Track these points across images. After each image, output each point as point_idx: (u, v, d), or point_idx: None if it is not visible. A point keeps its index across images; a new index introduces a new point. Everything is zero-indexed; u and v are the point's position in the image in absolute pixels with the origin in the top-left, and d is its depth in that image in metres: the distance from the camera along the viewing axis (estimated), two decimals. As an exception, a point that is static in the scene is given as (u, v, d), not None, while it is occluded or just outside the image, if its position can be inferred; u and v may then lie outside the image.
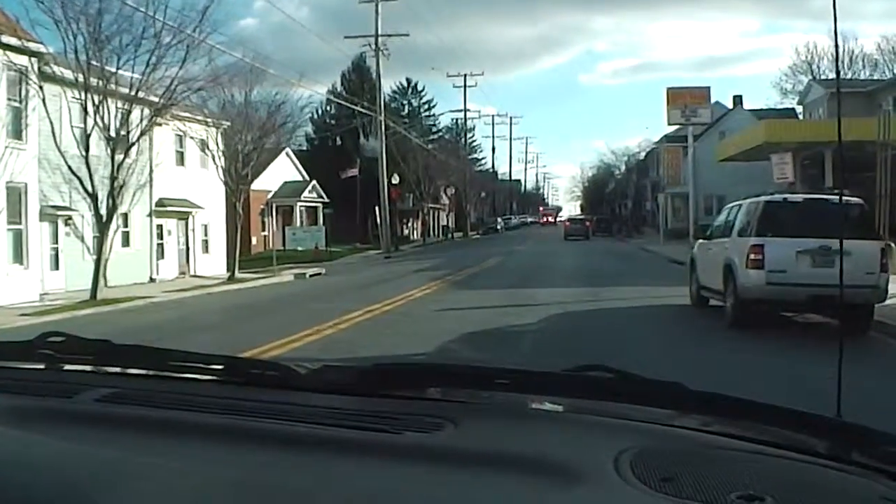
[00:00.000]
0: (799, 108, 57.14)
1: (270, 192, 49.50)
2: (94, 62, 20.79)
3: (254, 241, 46.97)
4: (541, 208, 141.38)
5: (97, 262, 22.24)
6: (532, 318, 13.92)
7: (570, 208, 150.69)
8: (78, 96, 21.43)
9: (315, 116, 67.99)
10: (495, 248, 46.55)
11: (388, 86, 79.88)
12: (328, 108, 67.75)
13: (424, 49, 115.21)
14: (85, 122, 21.45)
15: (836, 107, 37.82)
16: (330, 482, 1.27)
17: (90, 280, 22.53)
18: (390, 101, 76.20)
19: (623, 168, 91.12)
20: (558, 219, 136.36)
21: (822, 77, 54.85)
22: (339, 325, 13.10)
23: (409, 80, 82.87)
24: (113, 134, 21.86)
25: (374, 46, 49.96)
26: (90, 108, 21.18)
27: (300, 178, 52.93)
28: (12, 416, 1.52)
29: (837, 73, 52.89)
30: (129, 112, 22.17)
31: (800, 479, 1.25)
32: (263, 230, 49.52)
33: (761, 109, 59.48)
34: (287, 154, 52.76)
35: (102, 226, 22.38)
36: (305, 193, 51.30)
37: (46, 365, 1.94)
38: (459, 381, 1.80)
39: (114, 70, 21.41)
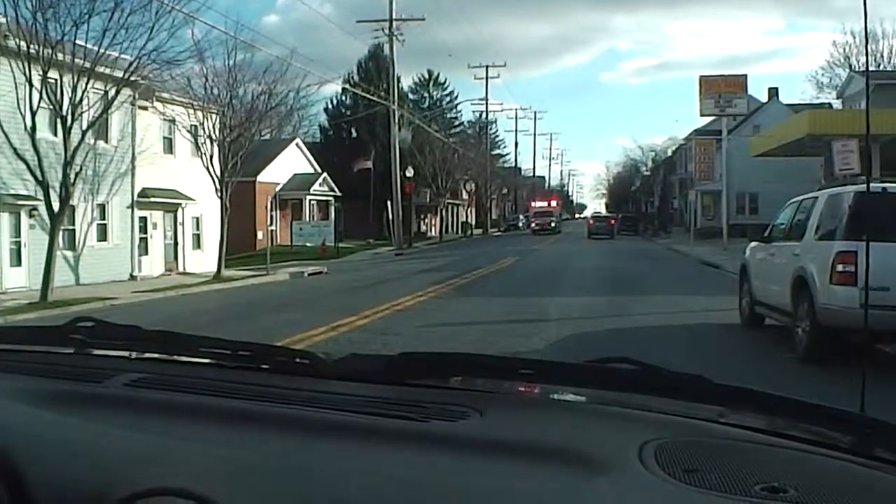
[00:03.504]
0: (836, 103, 53.86)
1: (279, 184, 46.91)
2: (40, 26, 17.91)
3: (259, 235, 44.29)
4: (532, 203, 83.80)
5: (48, 260, 19.52)
6: (539, 342, 10.94)
7: (595, 206, 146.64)
8: (22, 68, 18.52)
9: (329, 107, 65.75)
10: (513, 247, 44.02)
11: (408, 78, 77.62)
12: (343, 97, 65.19)
13: (446, 46, 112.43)
14: (30, 98, 18.59)
15: (879, 99, 35.27)
16: (356, 468, 1.27)
17: (58, 277, 19.99)
18: (410, 92, 73.75)
19: (649, 165, 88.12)
20: (580, 216, 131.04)
21: (861, 70, 51.63)
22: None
23: (430, 72, 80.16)
24: (65, 112, 18.92)
25: (387, 32, 47.35)
26: (36, 81, 18.27)
27: (311, 171, 50.26)
28: (44, 399, 1.56)
29: (867, 66, 49.86)
30: (86, 87, 19.20)
31: (822, 472, 1.26)
32: (271, 224, 46.81)
33: (797, 104, 56.20)
34: (297, 145, 50.60)
35: (54, 218, 19.54)
36: (316, 186, 48.83)
37: (76, 350, 1.97)
38: (485, 371, 1.83)
39: (61, 37, 18.47)
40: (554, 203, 79.97)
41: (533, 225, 73.06)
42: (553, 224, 72.11)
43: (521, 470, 1.26)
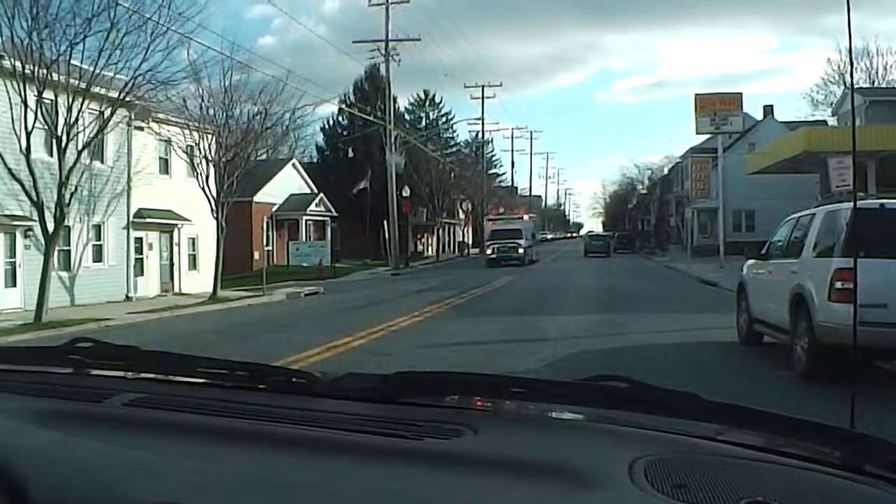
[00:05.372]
0: (832, 120, 54.01)
1: (275, 204, 46.81)
2: (35, 46, 17.87)
3: (256, 255, 44.18)
4: (491, 215, 63.71)
5: (42, 280, 19.39)
6: (534, 362, 10.85)
7: (592, 224, 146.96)
8: (17, 88, 18.47)
9: (326, 127, 65.80)
10: (510, 267, 43.64)
11: (405, 98, 77.57)
12: (339, 118, 65.25)
13: (442, 66, 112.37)
14: (24, 118, 18.54)
15: (873, 115, 35.35)
16: (351, 486, 1.28)
17: (53, 298, 19.90)
18: (407, 112, 73.74)
19: (646, 183, 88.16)
20: (577, 234, 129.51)
21: (857, 87, 51.78)
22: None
23: (426, 92, 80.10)
24: (60, 133, 18.86)
25: (383, 52, 47.47)
26: (31, 102, 18.24)
27: (308, 191, 50.17)
28: (44, 419, 1.57)
29: (852, 83, 49.83)
30: (81, 107, 19.16)
31: (809, 487, 1.27)
32: (267, 245, 46.73)
33: (792, 121, 56.34)
34: (294, 165, 50.57)
35: (49, 238, 19.45)
36: (312, 206, 48.67)
37: (75, 370, 1.99)
38: (479, 390, 1.83)
39: (56, 57, 18.42)
40: (524, 217, 54.96)
41: (488, 252, 48.63)
42: (519, 250, 47.10)
43: (513, 486, 1.27)
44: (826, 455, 1.41)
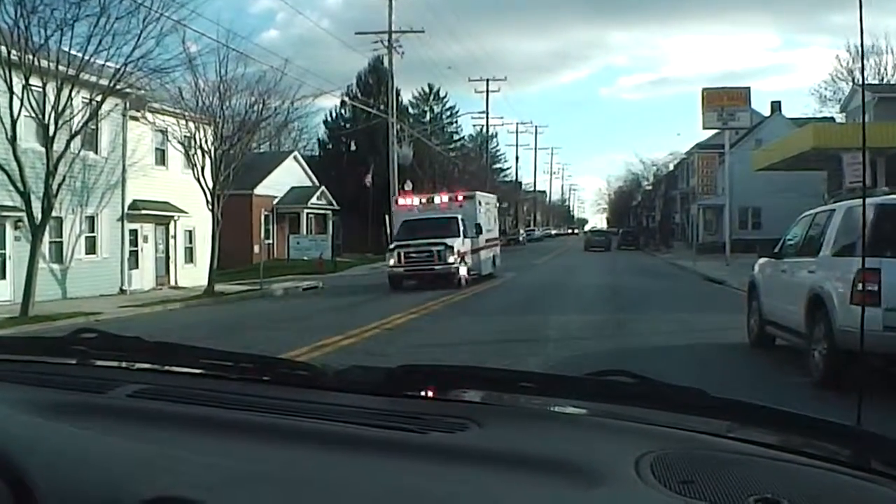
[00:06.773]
0: (840, 117, 53.30)
1: (276, 197, 46.34)
2: (21, 31, 17.31)
3: (256, 249, 43.65)
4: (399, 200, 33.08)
5: (29, 273, 18.91)
6: (535, 364, 10.25)
7: (597, 221, 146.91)
8: (3, 74, 17.90)
9: (328, 120, 65.30)
10: (512, 262, 43.20)
11: (409, 93, 77.03)
12: (342, 111, 64.71)
13: (447, 61, 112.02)
14: (11, 105, 17.99)
15: (883, 112, 34.75)
16: (355, 479, 1.28)
17: (45, 291, 19.46)
18: (411, 106, 73.19)
19: (651, 179, 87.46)
20: (583, 230, 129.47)
21: (865, 83, 51.05)
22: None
23: (430, 86, 79.49)
24: (48, 121, 18.31)
25: (387, 44, 46.87)
26: (17, 89, 17.69)
27: (309, 184, 49.68)
28: (48, 410, 1.56)
29: (863, 78, 49.31)
30: (70, 94, 18.61)
31: (817, 485, 1.26)
32: (268, 238, 46.19)
33: (799, 118, 55.64)
34: (295, 158, 50.21)
35: (36, 230, 18.91)
36: (313, 200, 48.22)
37: (79, 361, 1.99)
38: (484, 384, 1.83)
39: (44, 42, 17.88)
40: (459, 199, 30.23)
41: (391, 261, 26.44)
42: (449, 258, 25.75)
43: (517, 481, 1.26)
44: (833, 452, 1.39)
